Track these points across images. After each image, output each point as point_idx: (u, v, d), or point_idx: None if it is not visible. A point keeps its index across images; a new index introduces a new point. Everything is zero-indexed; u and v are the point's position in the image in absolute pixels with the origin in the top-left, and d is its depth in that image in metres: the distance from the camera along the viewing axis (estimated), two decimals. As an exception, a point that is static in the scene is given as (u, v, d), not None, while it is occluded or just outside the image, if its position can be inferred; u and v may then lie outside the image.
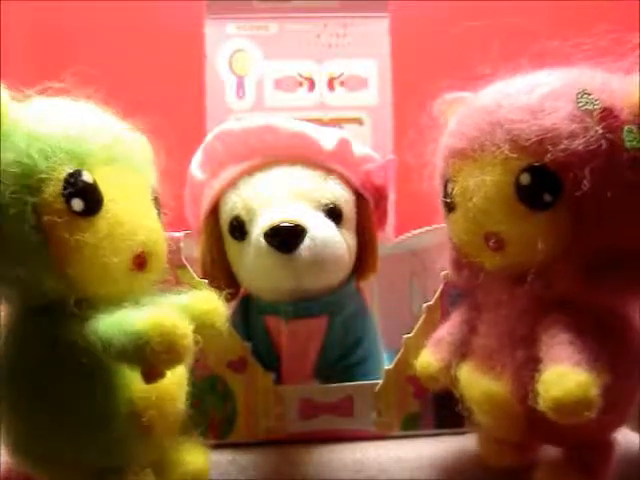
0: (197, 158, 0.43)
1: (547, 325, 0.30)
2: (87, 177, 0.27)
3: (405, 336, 0.40)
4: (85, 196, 0.27)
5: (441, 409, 0.41)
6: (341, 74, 0.58)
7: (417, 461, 0.38)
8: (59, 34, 0.66)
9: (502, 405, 0.30)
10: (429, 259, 0.53)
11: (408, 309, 0.56)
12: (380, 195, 0.43)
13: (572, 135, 0.28)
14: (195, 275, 0.39)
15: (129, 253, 0.28)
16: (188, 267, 0.39)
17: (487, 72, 0.33)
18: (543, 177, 0.28)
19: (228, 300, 0.40)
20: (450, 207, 0.33)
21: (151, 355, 0.25)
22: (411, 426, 0.41)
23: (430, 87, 0.37)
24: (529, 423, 0.30)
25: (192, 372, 0.39)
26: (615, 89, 0.29)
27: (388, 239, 0.53)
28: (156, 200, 0.32)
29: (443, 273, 0.39)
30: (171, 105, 0.54)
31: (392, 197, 0.45)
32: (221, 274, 0.41)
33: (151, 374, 0.27)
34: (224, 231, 0.41)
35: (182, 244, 0.39)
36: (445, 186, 0.33)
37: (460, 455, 0.38)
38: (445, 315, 0.39)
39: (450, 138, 0.33)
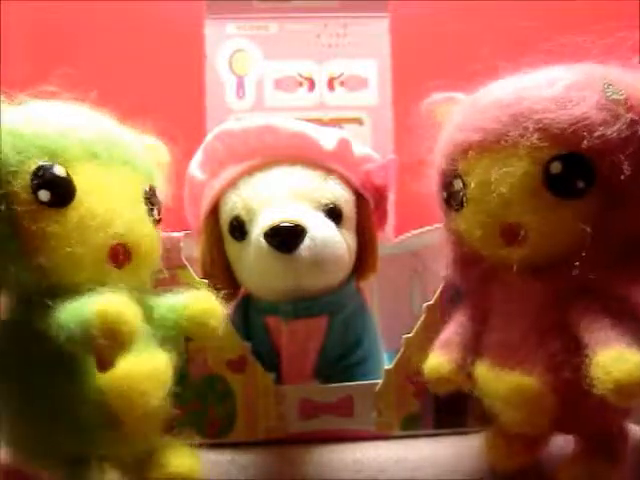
0: (197, 158, 0.43)
1: (581, 312, 0.30)
2: (58, 170, 0.28)
3: (405, 336, 0.40)
4: (53, 187, 0.28)
5: (441, 409, 0.41)
6: (341, 74, 0.58)
7: (417, 461, 0.38)
8: (59, 34, 0.66)
9: (535, 397, 0.30)
10: (429, 259, 0.53)
11: (408, 309, 0.56)
12: (380, 195, 0.43)
13: (605, 123, 0.28)
14: (195, 275, 0.39)
15: (101, 245, 0.29)
16: (188, 267, 0.39)
17: (487, 71, 0.33)
18: (577, 165, 0.29)
19: (227, 300, 0.40)
20: (458, 203, 0.33)
21: (94, 341, 0.25)
22: (411, 426, 0.41)
23: (430, 87, 0.37)
24: (558, 414, 0.30)
25: (191, 372, 0.39)
26: (631, 81, 0.29)
27: (388, 239, 0.53)
28: (150, 198, 0.32)
29: (443, 273, 0.39)
30: (171, 105, 0.54)
31: (392, 197, 0.45)
32: (221, 274, 0.41)
33: (101, 362, 0.27)
34: (224, 231, 0.41)
35: (182, 244, 0.39)
36: (451, 182, 0.33)
37: (460, 455, 0.38)
38: (445, 315, 0.39)
39: (459, 133, 0.32)
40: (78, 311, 0.26)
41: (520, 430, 0.33)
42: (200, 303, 0.32)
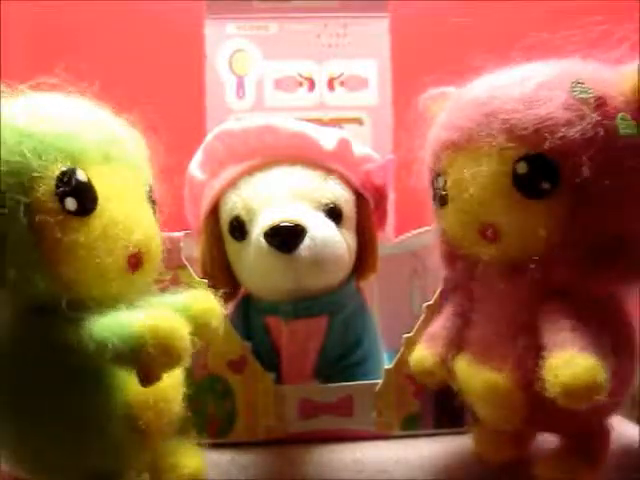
0: (197, 158, 0.43)
1: (547, 312, 0.30)
2: (81, 176, 0.27)
3: (405, 336, 0.40)
4: (79, 195, 0.26)
5: (441, 409, 0.41)
6: (341, 74, 0.58)
7: (417, 461, 0.38)
8: (59, 34, 0.66)
9: (505, 394, 0.30)
10: (429, 259, 0.53)
11: (408, 309, 0.56)
12: (380, 195, 0.43)
13: (569, 123, 0.28)
14: (195, 275, 0.39)
15: (124, 253, 0.28)
16: (188, 267, 0.39)
17: (477, 66, 0.33)
18: (541, 165, 0.29)
19: (227, 300, 0.40)
20: (442, 200, 0.33)
21: (148, 358, 0.24)
22: (411, 426, 0.41)
23: (430, 87, 0.37)
24: (530, 411, 0.30)
25: (192, 372, 0.39)
26: (606, 78, 0.29)
27: (388, 239, 0.53)
28: (152, 199, 0.31)
29: (443, 273, 0.39)
30: (171, 105, 0.54)
31: (392, 197, 0.45)
32: (221, 274, 0.41)
33: (148, 377, 0.26)
34: (224, 231, 0.41)
35: (182, 244, 0.39)
36: (435, 180, 0.33)
37: (460, 455, 0.38)
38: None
39: (441, 131, 0.33)
40: (125, 326, 0.25)
41: (494, 426, 0.33)
42: (201, 303, 0.32)
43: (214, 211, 0.41)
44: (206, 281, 0.38)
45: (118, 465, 0.29)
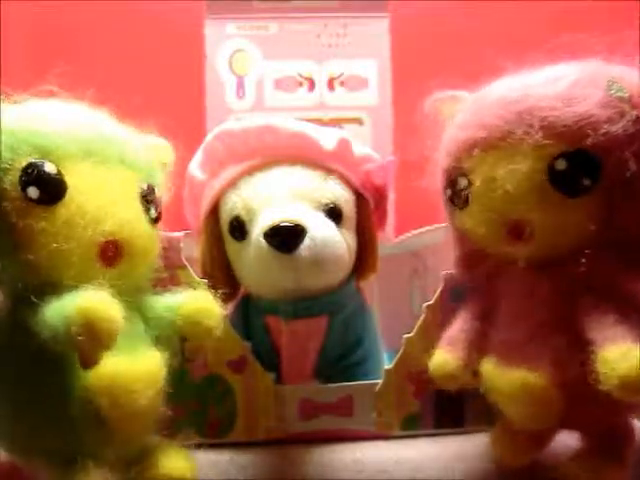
0: (197, 158, 0.43)
1: (588, 308, 0.30)
2: (49, 168, 0.28)
3: (405, 336, 0.40)
4: (42, 185, 0.28)
5: (441, 409, 0.41)
6: (341, 74, 0.58)
7: (417, 461, 0.38)
8: (59, 34, 0.66)
9: (541, 394, 0.30)
10: (429, 259, 0.53)
11: (408, 309, 0.56)
12: (380, 195, 0.43)
13: (610, 120, 0.28)
14: (195, 275, 0.39)
15: (90, 242, 0.29)
16: (188, 267, 0.39)
17: (487, 70, 0.33)
18: (582, 162, 0.29)
19: (227, 300, 0.40)
20: (464, 201, 0.33)
21: (75, 339, 0.25)
22: (411, 426, 0.41)
23: (430, 86, 0.37)
24: (564, 410, 0.30)
25: (191, 372, 0.39)
26: (635, 79, 0.30)
27: (388, 239, 0.53)
28: (146, 197, 0.32)
29: (443, 273, 0.39)
30: (171, 105, 0.54)
31: (392, 197, 0.45)
32: (221, 274, 0.41)
33: (84, 360, 0.27)
34: (224, 231, 0.41)
35: (182, 244, 0.39)
36: (456, 180, 0.33)
37: (460, 455, 0.38)
38: (445, 315, 0.39)
39: (464, 131, 0.33)
40: (61, 308, 0.26)
41: (526, 426, 0.33)
42: (195, 303, 0.32)
43: (214, 211, 0.41)
44: (206, 281, 0.38)
45: (76, 450, 0.29)
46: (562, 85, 0.30)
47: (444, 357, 0.35)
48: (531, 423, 0.32)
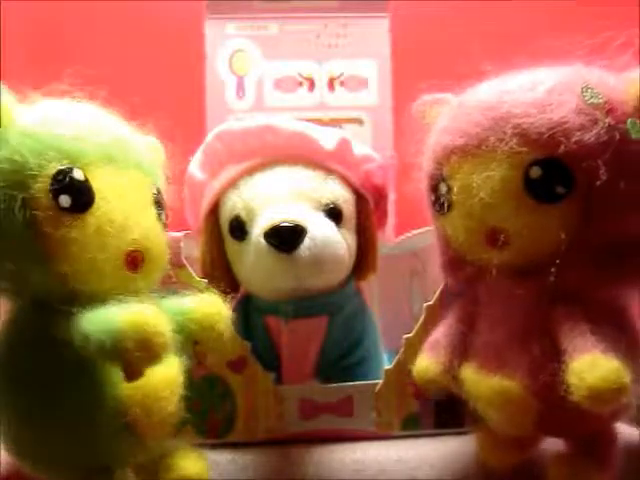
0: (197, 158, 0.43)
1: (562, 317, 0.30)
2: (78, 175, 0.28)
3: (405, 336, 0.40)
4: (73, 193, 0.27)
5: (441, 409, 0.41)
6: (341, 74, 0.58)
7: (417, 461, 0.38)
8: (59, 34, 0.66)
9: (517, 401, 0.30)
10: (429, 259, 0.53)
11: (408, 309, 0.56)
12: (380, 195, 0.43)
13: (583, 128, 0.28)
14: (195, 275, 0.39)
15: (119, 251, 0.28)
16: (188, 267, 0.39)
17: (483, 71, 0.33)
18: (555, 170, 0.29)
19: (228, 300, 0.40)
20: (444, 207, 0.33)
21: (127, 352, 0.25)
22: (411, 426, 0.41)
23: (430, 87, 0.37)
24: (541, 417, 0.30)
25: (192, 372, 0.39)
26: (612, 84, 0.29)
27: (388, 239, 0.53)
28: (158, 201, 0.32)
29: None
30: (171, 105, 0.54)
31: (392, 197, 0.45)
32: (221, 274, 0.41)
33: (130, 372, 0.27)
34: (224, 231, 0.41)
35: (182, 244, 0.39)
36: (437, 186, 0.33)
37: (460, 455, 0.38)
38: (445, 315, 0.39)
39: (444, 136, 0.32)
40: (108, 320, 0.26)
41: (504, 432, 0.33)
42: (208, 307, 0.32)
43: (214, 211, 0.41)
44: (206, 281, 0.38)
45: (107, 460, 0.29)
46: (538, 91, 0.29)
47: (426, 362, 0.35)
48: (508, 429, 0.32)
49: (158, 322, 0.26)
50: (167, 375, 0.30)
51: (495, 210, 0.30)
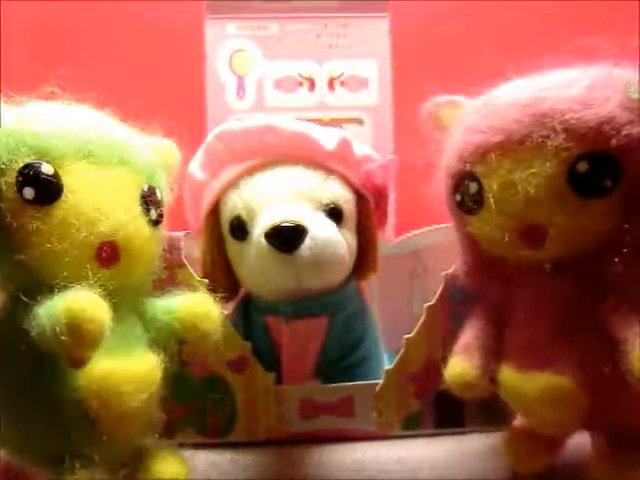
0: (197, 158, 0.43)
1: (613, 307, 0.30)
2: (45, 168, 0.28)
3: (405, 336, 0.40)
4: (37, 185, 0.28)
5: (441, 409, 0.41)
6: (341, 74, 0.58)
7: (417, 461, 0.38)
8: (59, 34, 0.66)
9: (570, 396, 0.30)
10: (429, 259, 0.53)
11: (408, 309, 0.56)
12: (380, 195, 0.43)
13: (630, 122, 0.28)
14: (195, 275, 0.39)
15: (86, 243, 0.29)
16: (188, 267, 0.39)
17: (487, 72, 0.33)
18: (603, 163, 0.29)
19: (228, 300, 0.40)
20: (474, 207, 0.32)
21: (60, 339, 0.25)
22: (411, 426, 0.41)
23: (430, 87, 0.37)
24: (590, 411, 0.30)
25: (191, 372, 0.39)
26: None
27: (388, 239, 0.53)
28: (148, 199, 0.32)
29: (443, 273, 0.39)
30: (171, 105, 0.54)
31: (392, 197, 0.46)
32: (221, 274, 0.41)
33: (71, 360, 0.27)
34: (224, 231, 0.41)
35: (182, 244, 0.39)
36: (466, 186, 0.32)
37: (460, 455, 0.38)
38: (445, 315, 0.39)
39: (474, 135, 0.32)
40: (49, 308, 0.26)
41: (551, 431, 0.32)
42: (192, 306, 0.32)
43: (215, 211, 0.41)
44: (206, 281, 0.38)
45: (65, 450, 0.29)
46: (579, 88, 0.29)
47: (461, 366, 0.34)
48: (557, 428, 0.32)
49: (92, 308, 0.26)
50: (134, 370, 0.29)
51: (539, 207, 0.30)
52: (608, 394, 0.28)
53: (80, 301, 0.26)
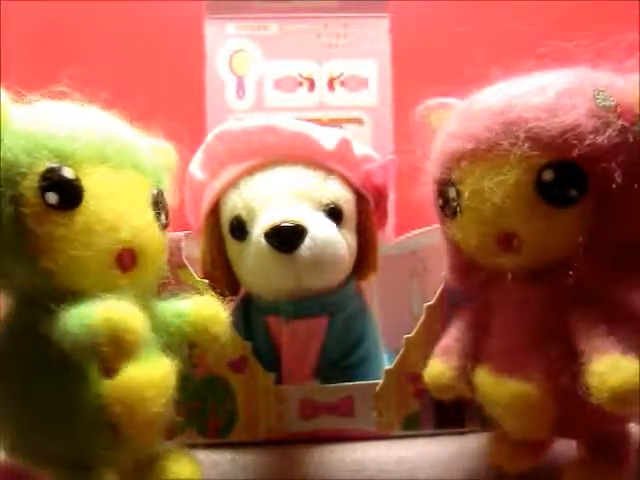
0: (197, 158, 0.43)
1: (578, 318, 0.30)
2: (67, 173, 0.28)
3: (405, 336, 0.40)
4: (61, 190, 0.28)
5: (441, 409, 0.41)
6: (341, 74, 0.58)
7: (417, 461, 0.38)
8: (59, 34, 0.66)
9: (534, 404, 0.30)
10: (429, 259, 0.53)
11: (408, 309, 0.56)
12: (380, 195, 0.43)
13: (596, 130, 0.28)
14: (196, 275, 0.39)
15: (108, 250, 0.28)
16: (189, 267, 0.39)
17: (485, 74, 0.33)
18: (569, 172, 0.29)
19: (228, 300, 0.40)
20: (454, 212, 0.32)
21: (98, 348, 0.25)
22: (411, 426, 0.41)
23: (430, 87, 0.37)
24: (558, 419, 0.30)
25: (192, 372, 0.39)
26: (620, 86, 0.29)
27: (388, 239, 0.53)
28: (158, 202, 0.32)
29: (443, 273, 0.39)
30: (171, 105, 0.54)
31: (392, 197, 0.46)
32: (221, 274, 0.41)
33: (106, 369, 0.27)
34: (224, 231, 0.41)
35: (183, 244, 0.39)
36: (446, 191, 0.33)
37: (460, 455, 0.38)
38: (446, 315, 0.39)
39: (452, 141, 0.32)
40: (83, 317, 0.26)
41: (521, 436, 0.32)
42: (203, 309, 0.32)
43: (215, 211, 0.41)
44: (207, 281, 0.38)
45: (90, 457, 0.29)
46: (549, 95, 0.29)
47: (439, 368, 0.34)
48: (525, 432, 0.32)
49: (131, 319, 0.26)
50: (154, 376, 0.29)
51: (508, 214, 0.30)
52: (578, 403, 0.27)
53: (119, 311, 0.25)
